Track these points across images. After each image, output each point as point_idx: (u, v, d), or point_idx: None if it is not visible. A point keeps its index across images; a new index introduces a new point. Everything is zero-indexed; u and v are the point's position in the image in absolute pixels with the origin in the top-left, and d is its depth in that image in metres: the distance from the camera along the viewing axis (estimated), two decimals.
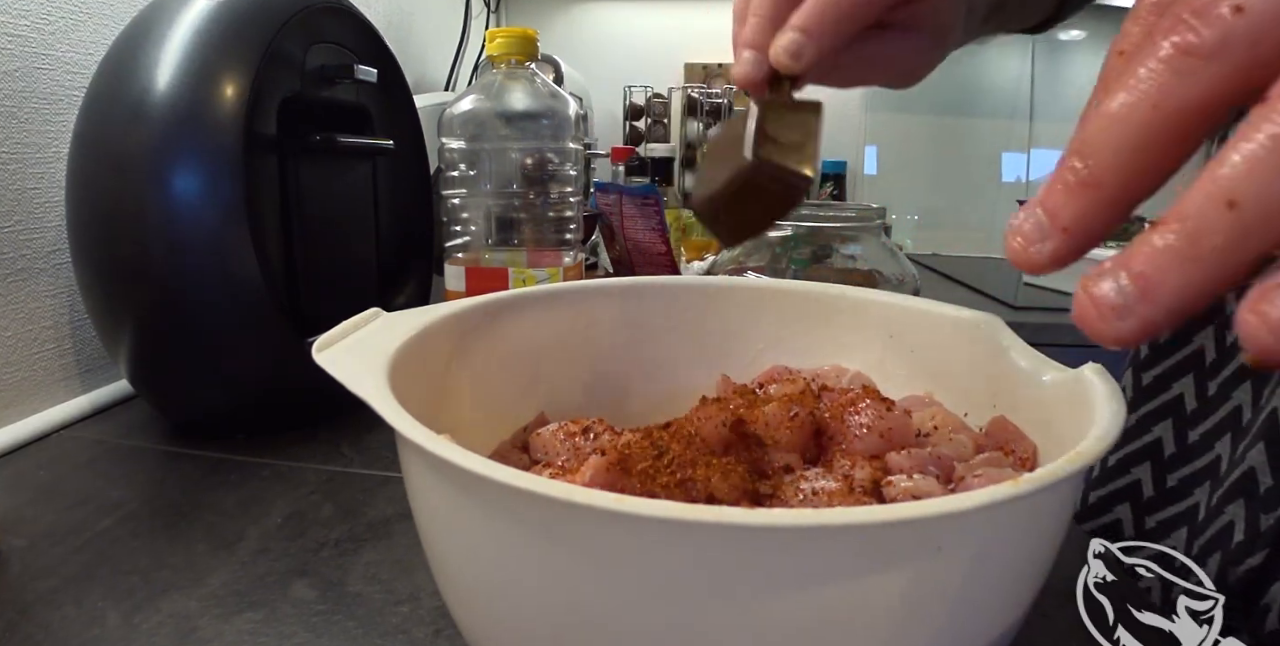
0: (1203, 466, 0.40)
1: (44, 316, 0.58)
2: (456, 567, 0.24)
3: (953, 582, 0.19)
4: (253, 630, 0.33)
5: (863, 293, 0.38)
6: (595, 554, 0.19)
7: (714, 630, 0.19)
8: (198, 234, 0.47)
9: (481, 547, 0.22)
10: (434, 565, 0.26)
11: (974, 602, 0.20)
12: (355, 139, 0.62)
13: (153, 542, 0.40)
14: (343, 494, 0.45)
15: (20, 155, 0.55)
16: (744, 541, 0.18)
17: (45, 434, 0.54)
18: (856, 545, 0.18)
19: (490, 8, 1.55)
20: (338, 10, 0.58)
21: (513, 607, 0.22)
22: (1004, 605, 0.21)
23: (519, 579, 0.21)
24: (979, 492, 0.17)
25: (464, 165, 0.64)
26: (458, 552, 0.23)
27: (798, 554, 0.18)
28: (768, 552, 0.18)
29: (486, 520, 0.21)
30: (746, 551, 0.18)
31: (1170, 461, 0.42)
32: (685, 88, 1.51)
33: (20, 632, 0.32)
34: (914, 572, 0.18)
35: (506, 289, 0.61)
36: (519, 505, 0.19)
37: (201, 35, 0.48)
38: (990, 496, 0.17)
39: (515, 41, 0.62)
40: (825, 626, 0.18)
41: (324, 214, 0.59)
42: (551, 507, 0.18)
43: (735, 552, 0.18)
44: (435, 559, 0.25)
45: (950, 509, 0.17)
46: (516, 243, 0.65)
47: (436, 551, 0.25)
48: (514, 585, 0.21)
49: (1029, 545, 0.20)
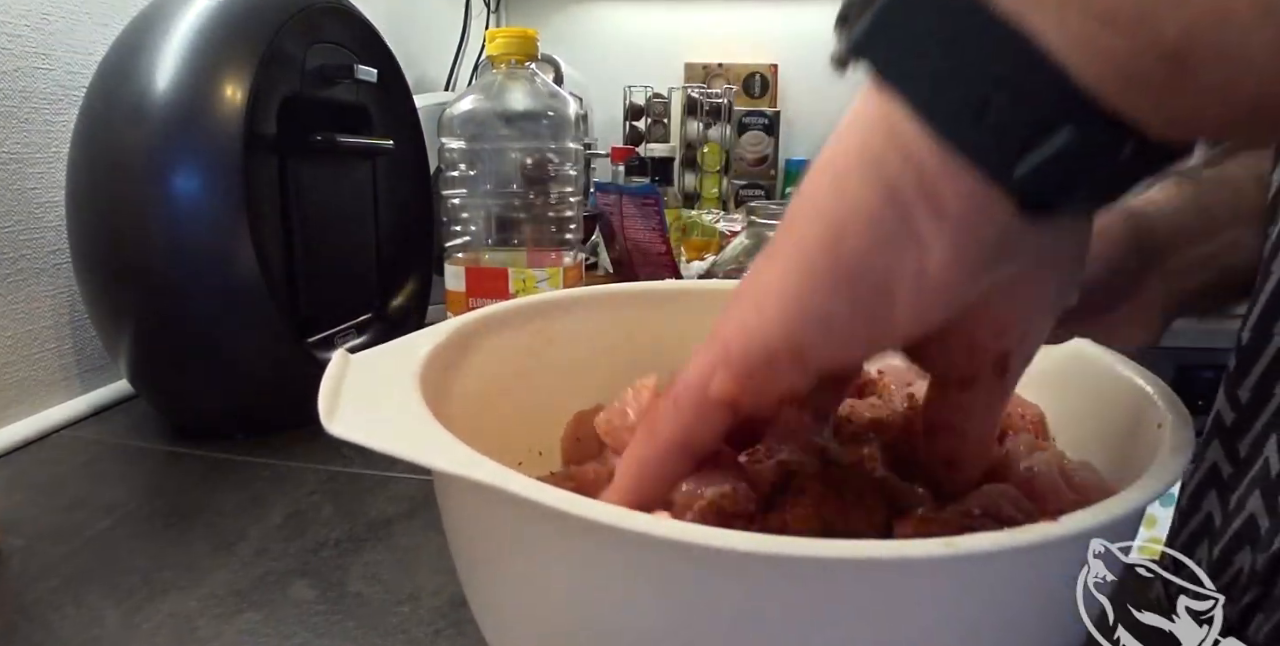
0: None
1: (44, 316, 0.58)
2: (549, 614, 0.22)
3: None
4: (253, 630, 0.33)
5: None
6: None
7: None
8: (198, 234, 0.47)
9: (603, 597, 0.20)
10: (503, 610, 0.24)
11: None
12: (355, 139, 0.62)
13: (153, 542, 0.40)
14: (343, 494, 0.45)
15: (20, 155, 0.55)
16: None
17: (45, 434, 0.54)
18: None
19: (490, 8, 1.55)
20: (338, 10, 0.58)
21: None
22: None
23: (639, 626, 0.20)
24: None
25: (464, 165, 0.64)
26: (554, 601, 0.21)
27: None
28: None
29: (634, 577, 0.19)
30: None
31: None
32: (685, 88, 1.51)
33: (20, 632, 0.32)
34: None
35: (506, 289, 0.61)
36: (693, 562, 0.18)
37: (201, 35, 0.48)
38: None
39: (515, 41, 0.62)
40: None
41: (324, 214, 0.59)
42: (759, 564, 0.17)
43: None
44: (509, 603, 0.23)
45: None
46: (516, 243, 0.65)
47: (516, 598, 0.23)
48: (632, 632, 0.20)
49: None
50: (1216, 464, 0.42)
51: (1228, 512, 0.40)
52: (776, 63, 1.62)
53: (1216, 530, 0.41)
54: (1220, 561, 0.40)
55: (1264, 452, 0.38)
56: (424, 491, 0.45)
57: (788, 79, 1.61)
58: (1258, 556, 0.37)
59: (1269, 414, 0.38)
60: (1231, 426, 0.40)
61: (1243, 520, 0.39)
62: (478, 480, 0.18)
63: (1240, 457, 0.40)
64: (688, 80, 1.60)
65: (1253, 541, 0.38)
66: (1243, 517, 0.39)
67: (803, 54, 1.58)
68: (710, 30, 1.64)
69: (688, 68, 1.65)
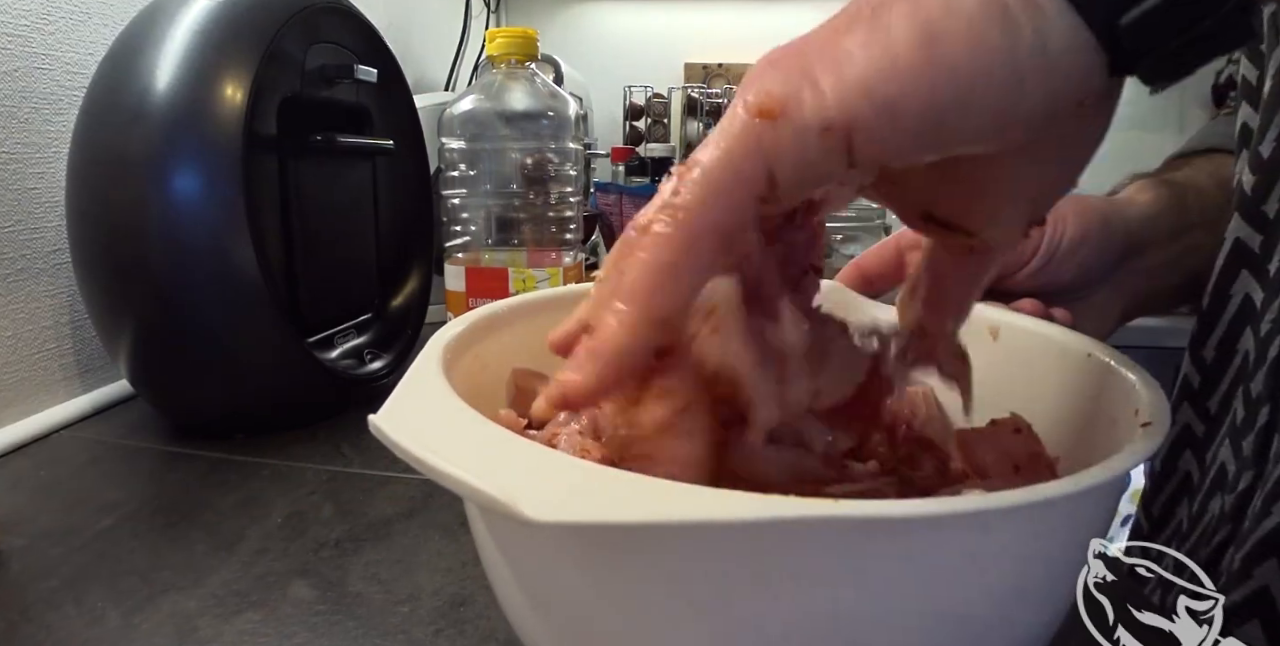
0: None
1: (44, 316, 0.58)
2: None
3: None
4: (253, 630, 0.33)
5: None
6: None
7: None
8: (198, 234, 0.47)
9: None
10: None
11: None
12: (355, 139, 0.62)
13: (153, 542, 0.40)
14: (343, 494, 0.45)
15: (20, 155, 0.55)
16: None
17: (45, 434, 0.54)
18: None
19: (490, 8, 1.55)
20: (338, 10, 0.58)
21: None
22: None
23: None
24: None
25: (464, 165, 0.64)
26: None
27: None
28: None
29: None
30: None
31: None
32: (685, 88, 1.51)
33: (20, 632, 0.32)
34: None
35: (506, 289, 0.61)
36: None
37: (201, 35, 0.48)
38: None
39: (515, 41, 0.62)
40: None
41: (324, 214, 0.59)
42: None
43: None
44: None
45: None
46: (516, 243, 0.65)
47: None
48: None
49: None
50: (1189, 425, 0.43)
51: (1204, 469, 0.41)
52: None
53: (1195, 487, 0.42)
54: (1198, 513, 0.41)
55: (1232, 406, 0.39)
56: (424, 491, 0.45)
57: None
58: (1226, 498, 0.38)
59: (1234, 370, 0.39)
60: (1199, 387, 0.42)
61: (1215, 470, 0.39)
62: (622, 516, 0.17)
63: (1211, 415, 0.41)
64: (688, 80, 1.60)
65: (1222, 487, 0.39)
66: (1215, 467, 0.39)
67: None
68: (710, 30, 1.64)
69: (688, 68, 1.65)
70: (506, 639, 0.32)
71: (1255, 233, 0.37)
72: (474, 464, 0.18)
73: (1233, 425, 0.38)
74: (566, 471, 0.18)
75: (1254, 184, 0.37)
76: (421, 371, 0.25)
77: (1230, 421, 0.39)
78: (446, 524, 0.42)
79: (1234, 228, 0.39)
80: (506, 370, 0.32)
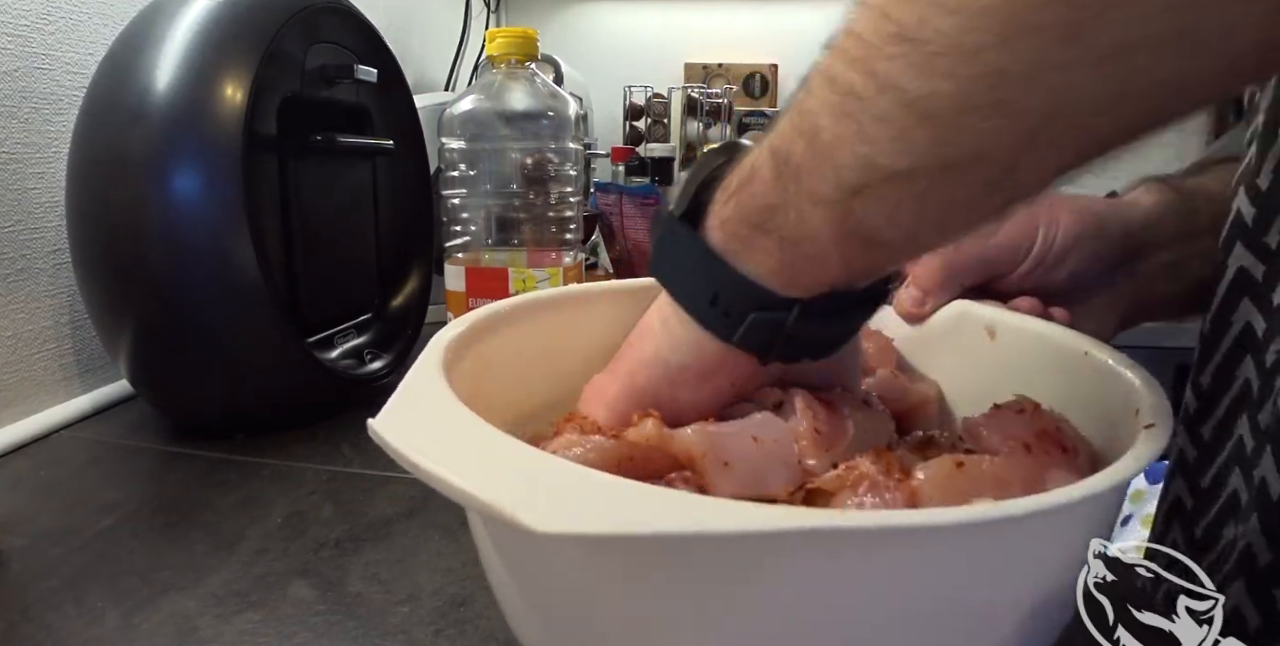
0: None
1: (44, 316, 0.58)
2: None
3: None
4: (253, 630, 0.33)
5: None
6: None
7: None
8: (198, 234, 0.47)
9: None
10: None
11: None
12: (355, 139, 0.62)
13: (153, 542, 0.40)
14: (343, 494, 0.45)
15: (20, 155, 0.55)
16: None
17: (45, 434, 0.54)
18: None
19: (490, 8, 1.55)
20: (338, 10, 0.58)
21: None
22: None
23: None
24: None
25: (464, 165, 0.64)
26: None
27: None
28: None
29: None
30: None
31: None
32: (685, 88, 1.51)
33: (20, 632, 0.32)
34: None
35: (506, 289, 0.61)
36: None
37: (201, 35, 0.48)
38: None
39: (515, 41, 0.62)
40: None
41: (324, 214, 0.59)
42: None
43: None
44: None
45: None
46: (516, 243, 0.65)
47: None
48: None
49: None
50: (1183, 450, 0.43)
51: (1196, 495, 0.41)
52: (776, 63, 1.62)
53: (1188, 512, 0.42)
54: (1204, 538, 0.41)
55: (1235, 431, 0.38)
56: (424, 491, 0.45)
57: (788, 79, 1.61)
58: (1240, 527, 0.37)
59: (1230, 398, 0.39)
60: (1195, 414, 0.41)
61: (1227, 496, 0.39)
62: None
63: (1204, 441, 0.41)
64: (688, 80, 1.60)
65: (1234, 514, 0.39)
66: (1227, 493, 0.39)
67: (802, 54, 1.57)
68: (710, 30, 1.64)
69: (688, 68, 1.65)
70: (506, 639, 0.32)
71: (1259, 262, 0.37)
72: (474, 470, 0.18)
73: (1240, 453, 0.38)
74: (566, 478, 0.18)
75: (1254, 216, 0.37)
76: (422, 373, 0.25)
77: (1235, 449, 0.39)
78: (446, 524, 0.42)
79: (1237, 255, 0.38)
80: (507, 370, 0.32)
